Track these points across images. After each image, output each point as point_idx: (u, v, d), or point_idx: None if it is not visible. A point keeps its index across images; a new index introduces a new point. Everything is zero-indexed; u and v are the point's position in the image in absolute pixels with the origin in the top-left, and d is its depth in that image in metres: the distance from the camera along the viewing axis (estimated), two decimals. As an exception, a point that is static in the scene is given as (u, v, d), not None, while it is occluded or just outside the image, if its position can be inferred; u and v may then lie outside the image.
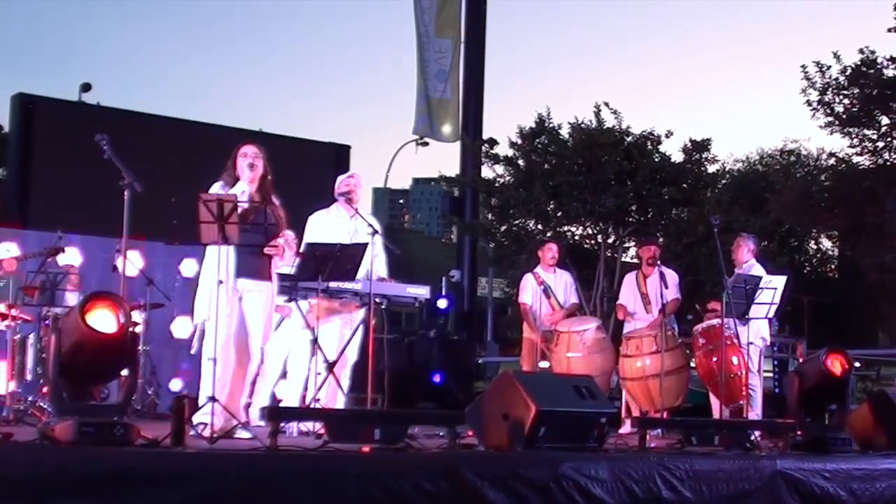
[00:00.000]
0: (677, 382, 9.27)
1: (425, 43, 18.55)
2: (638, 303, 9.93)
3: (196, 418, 6.17)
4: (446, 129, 18.79)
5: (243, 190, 6.71)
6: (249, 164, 6.79)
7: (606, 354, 9.70)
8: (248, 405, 7.34)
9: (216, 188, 6.79)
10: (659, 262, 9.74)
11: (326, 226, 7.71)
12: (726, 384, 8.72)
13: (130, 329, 5.37)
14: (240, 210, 6.32)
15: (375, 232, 7.48)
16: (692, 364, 9.69)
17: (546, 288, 10.03)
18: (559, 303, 10.04)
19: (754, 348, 9.23)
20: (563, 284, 10.23)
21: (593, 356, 9.51)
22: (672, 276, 9.82)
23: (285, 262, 7.14)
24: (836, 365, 7.52)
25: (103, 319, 5.11)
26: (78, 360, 5.19)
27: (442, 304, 14.35)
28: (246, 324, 6.79)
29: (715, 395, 9.15)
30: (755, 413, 9.13)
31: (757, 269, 9.45)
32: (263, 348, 7.06)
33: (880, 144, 17.40)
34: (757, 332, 9.30)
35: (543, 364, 9.85)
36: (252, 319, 6.80)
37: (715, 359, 8.92)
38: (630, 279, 10.22)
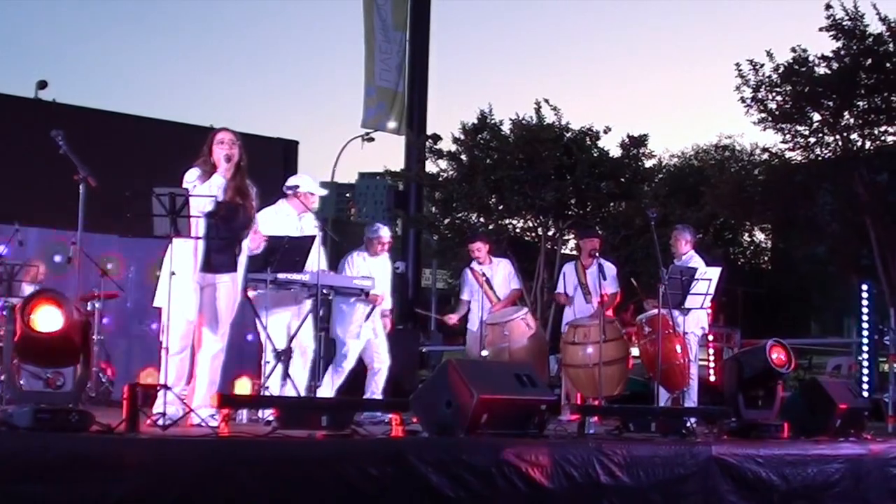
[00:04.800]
0: (619, 372, 9.43)
1: (383, 35, 18.57)
2: (578, 292, 10.14)
3: (155, 408, 6.28)
4: (392, 123, 18.89)
5: (219, 184, 6.81)
6: (226, 155, 6.85)
7: (535, 341, 9.82)
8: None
9: (192, 176, 6.85)
10: (598, 255, 10.03)
11: (275, 223, 7.73)
12: (671, 372, 8.87)
13: (82, 319, 5.45)
14: (213, 206, 6.52)
15: (324, 224, 7.61)
16: (635, 354, 9.89)
17: (487, 280, 10.14)
18: (497, 296, 10.16)
19: (693, 337, 9.45)
20: (500, 275, 10.28)
21: (519, 346, 9.61)
22: (611, 269, 10.01)
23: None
24: (779, 358, 7.74)
25: (48, 318, 5.15)
26: (29, 356, 5.27)
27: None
28: (217, 313, 6.92)
29: (660, 382, 9.34)
30: (691, 400, 9.38)
31: (696, 261, 9.68)
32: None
33: (812, 140, 17.68)
34: (697, 321, 9.53)
35: (483, 353, 10.03)
36: (222, 309, 6.94)
37: (656, 348, 9.10)
38: (570, 269, 10.41)
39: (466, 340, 10.48)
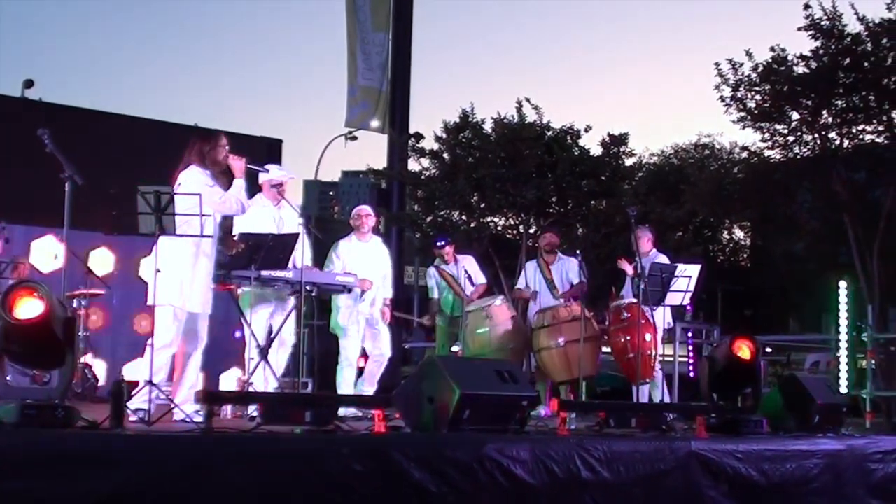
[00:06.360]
0: (593, 351, 9.48)
1: (363, 37, 18.62)
2: (543, 287, 10.22)
3: (133, 404, 6.30)
4: (375, 122, 18.93)
5: (245, 188, 7.06)
6: (247, 160, 7.11)
7: (515, 328, 9.86)
8: None
9: (196, 175, 6.92)
10: (557, 250, 10.20)
11: (254, 214, 7.81)
12: (638, 361, 8.90)
13: (66, 315, 5.47)
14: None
15: (308, 221, 7.66)
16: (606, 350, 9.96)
17: (454, 277, 10.20)
18: (462, 291, 10.22)
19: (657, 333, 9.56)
20: (471, 269, 10.35)
21: (499, 328, 9.66)
22: (573, 263, 10.14)
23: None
24: (743, 350, 7.73)
25: (28, 306, 5.14)
26: (12, 345, 5.29)
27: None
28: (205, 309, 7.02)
29: (625, 372, 9.38)
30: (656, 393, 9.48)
31: (662, 258, 9.81)
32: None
33: (790, 139, 17.81)
34: (662, 317, 9.63)
35: (454, 349, 10.07)
36: (208, 304, 7.04)
37: (629, 336, 9.17)
38: (533, 266, 10.50)
39: (437, 338, 10.56)
